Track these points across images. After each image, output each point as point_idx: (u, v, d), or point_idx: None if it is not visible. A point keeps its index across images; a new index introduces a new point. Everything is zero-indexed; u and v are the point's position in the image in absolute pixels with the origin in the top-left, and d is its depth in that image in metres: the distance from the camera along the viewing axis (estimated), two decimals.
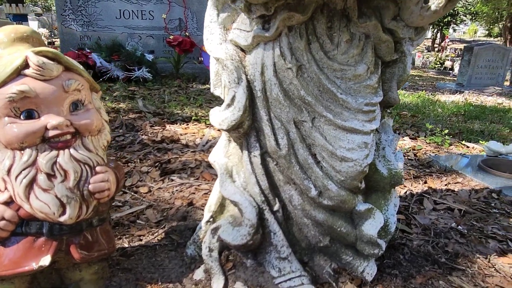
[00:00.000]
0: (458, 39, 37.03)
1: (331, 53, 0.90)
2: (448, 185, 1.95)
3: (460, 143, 3.01)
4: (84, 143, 0.94)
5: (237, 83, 0.92)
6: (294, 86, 0.91)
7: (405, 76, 0.99)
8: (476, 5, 25.62)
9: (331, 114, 0.91)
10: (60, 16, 5.35)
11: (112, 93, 4.05)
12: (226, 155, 1.04)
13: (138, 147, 2.35)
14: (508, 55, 7.12)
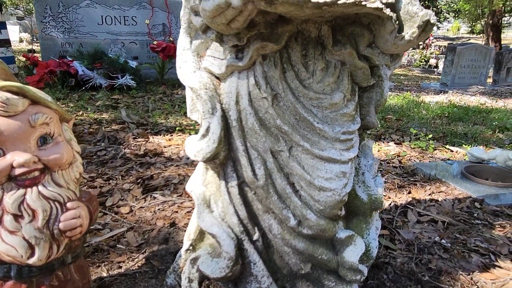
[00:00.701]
0: (442, 36, 37.56)
1: (307, 81, 0.88)
2: (432, 194, 1.95)
3: (444, 147, 3.04)
4: (54, 178, 0.90)
5: (212, 114, 0.89)
6: (270, 115, 0.89)
7: (383, 101, 0.98)
8: (458, 2, 26.05)
9: (308, 143, 0.89)
10: (40, 23, 5.24)
11: (95, 103, 3.98)
12: (203, 184, 1.02)
13: (120, 162, 2.30)
14: (490, 54, 7.24)
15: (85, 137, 2.78)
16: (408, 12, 0.83)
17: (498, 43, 23.08)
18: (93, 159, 2.36)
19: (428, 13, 0.75)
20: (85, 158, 2.37)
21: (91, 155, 2.42)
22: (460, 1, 24.88)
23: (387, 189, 2.01)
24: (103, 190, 1.89)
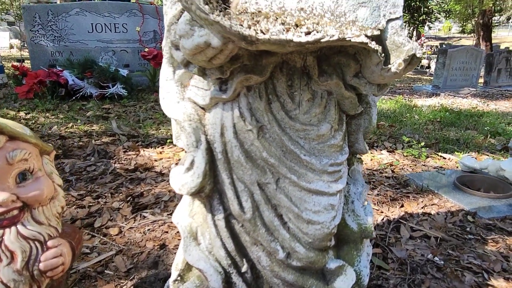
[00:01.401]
0: (434, 36, 37.85)
1: (293, 112, 0.86)
2: (425, 207, 1.94)
3: (437, 154, 3.04)
4: (34, 216, 0.87)
5: (196, 147, 0.87)
6: (256, 148, 0.87)
7: (371, 128, 0.96)
8: (449, 3, 26.28)
9: (295, 175, 0.87)
10: (30, 31, 5.19)
11: (85, 113, 3.94)
12: (190, 215, 0.99)
13: (110, 178, 2.27)
14: (480, 56, 7.28)
15: (75, 151, 2.74)
16: (394, 42, 0.82)
17: (488, 43, 23.30)
18: (82, 175, 2.32)
19: (414, 47, 0.73)
20: (74, 174, 2.33)
21: (81, 170, 2.38)
22: (451, 2, 25.10)
23: (379, 202, 1.99)
24: (92, 209, 1.86)
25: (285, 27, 0.65)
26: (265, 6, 0.76)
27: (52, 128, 3.23)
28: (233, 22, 0.61)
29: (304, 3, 0.79)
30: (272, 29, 0.63)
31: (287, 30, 0.65)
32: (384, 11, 0.82)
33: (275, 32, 0.63)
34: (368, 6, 0.82)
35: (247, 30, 0.62)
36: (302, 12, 0.78)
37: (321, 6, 0.79)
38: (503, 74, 7.97)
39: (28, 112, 3.80)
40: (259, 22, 0.67)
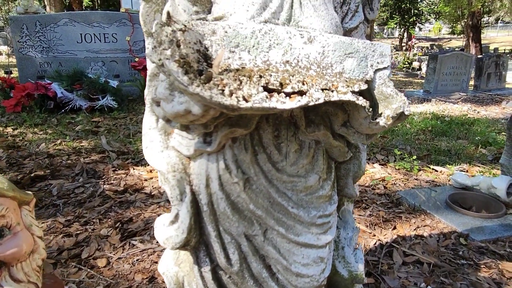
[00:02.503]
0: (424, 37, 38.20)
1: (280, 164, 0.84)
2: (417, 229, 1.93)
3: (429, 167, 3.04)
4: (12, 274, 0.84)
5: (180, 200, 0.84)
6: (243, 199, 0.84)
7: (361, 172, 0.95)
8: (439, 5, 26.56)
9: (283, 228, 0.84)
10: (17, 43, 5.11)
11: (74, 127, 3.88)
12: (176, 263, 0.96)
13: (99, 201, 2.22)
14: (470, 61, 7.34)
15: (63, 171, 2.69)
16: (382, 93, 0.80)
17: (478, 44, 23.59)
18: (70, 198, 2.28)
19: (401, 104, 0.71)
20: (62, 197, 2.28)
21: (69, 193, 2.34)
22: (440, 4, 25.36)
23: (372, 224, 1.98)
24: (79, 238, 1.81)
25: (268, 94, 0.62)
26: (249, 60, 0.73)
27: (40, 145, 3.18)
28: (214, 92, 0.59)
29: (289, 55, 0.76)
30: (255, 97, 0.61)
31: (271, 97, 0.62)
32: (371, 61, 0.81)
33: (257, 100, 0.61)
34: (355, 56, 0.80)
35: (228, 99, 0.59)
36: (287, 65, 0.75)
37: (307, 58, 0.77)
38: (493, 78, 8.04)
39: (15, 128, 3.73)
40: (242, 85, 0.64)
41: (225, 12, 0.78)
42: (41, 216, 2.06)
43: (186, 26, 0.68)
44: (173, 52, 0.60)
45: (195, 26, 0.70)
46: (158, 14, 0.96)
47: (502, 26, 37.04)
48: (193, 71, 0.63)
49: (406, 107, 0.72)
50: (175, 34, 0.64)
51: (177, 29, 0.66)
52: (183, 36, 0.66)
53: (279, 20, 0.80)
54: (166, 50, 0.59)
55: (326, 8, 0.83)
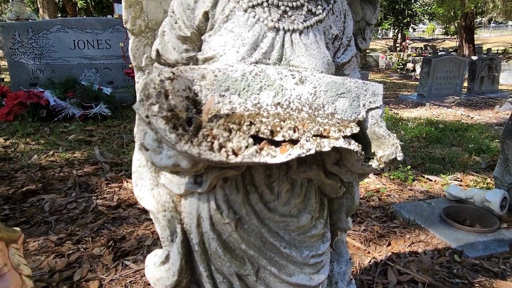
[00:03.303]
0: (418, 37, 38.40)
1: (272, 203, 0.82)
2: (412, 245, 1.93)
3: (423, 177, 3.04)
4: None
5: (171, 241, 0.83)
6: (234, 239, 0.83)
7: (354, 207, 0.94)
8: (432, 6, 26.72)
9: (275, 267, 0.83)
10: (9, 50, 5.06)
11: (67, 137, 3.85)
12: None
13: (91, 218, 2.20)
14: (464, 65, 7.39)
15: (55, 184, 2.66)
16: (374, 133, 0.79)
17: (471, 44, 23.77)
18: (63, 214, 2.25)
19: (394, 151, 0.71)
20: (54, 213, 2.26)
21: (61, 209, 2.31)
22: (434, 5, 25.52)
23: (367, 240, 1.97)
24: (71, 258, 1.79)
25: (258, 148, 0.61)
26: (239, 104, 0.72)
27: (32, 157, 3.14)
28: (202, 148, 0.58)
29: (280, 97, 0.75)
30: (245, 151, 0.60)
31: (260, 150, 0.61)
32: (364, 100, 0.80)
33: (247, 155, 0.59)
34: (347, 96, 0.79)
35: (217, 155, 0.58)
36: (279, 107, 0.74)
37: (299, 99, 0.76)
38: (486, 81, 8.09)
39: (7, 138, 3.69)
40: (231, 135, 0.63)
41: (215, 53, 0.77)
42: (32, 234, 2.03)
43: (174, 74, 0.66)
44: (161, 108, 0.59)
45: (184, 72, 0.69)
46: (147, 47, 0.94)
47: (495, 26, 37.35)
48: (181, 123, 0.61)
49: (399, 152, 0.71)
50: (163, 84, 0.63)
51: (165, 78, 0.64)
52: (171, 85, 0.65)
53: (270, 60, 0.78)
54: (154, 106, 0.58)
55: (318, 46, 0.82)
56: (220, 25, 0.78)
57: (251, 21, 0.77)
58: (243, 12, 0.77)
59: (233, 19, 0.77)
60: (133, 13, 0.89)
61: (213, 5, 0.78)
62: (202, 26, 0.80)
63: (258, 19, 0.77)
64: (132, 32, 0.90)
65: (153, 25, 0.93)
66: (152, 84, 0.62)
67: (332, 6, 0.85)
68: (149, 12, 0.91)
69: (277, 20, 0.78)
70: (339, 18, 0.87)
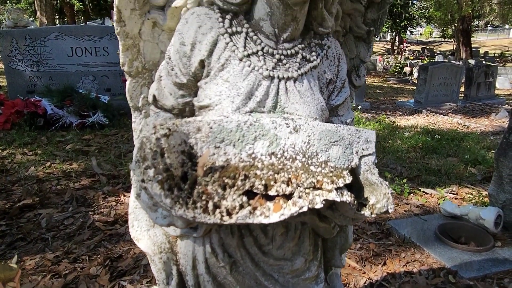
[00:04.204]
0: (416, 40, 38.58)
1: (266, 247, 0.84)
2: (407, 265, 1.94)
3: (419, 190, 3.06)
4: None
5: (167, 284, 0.84)
6: (230, 282, 0.84)
7: (348, 245, 0.95)
8: (430, 9, 26.84)
9: None
10: (6, 57, 5.05)
11: (65, 146, 3.85)
12: None
13: (88, 234, 2.21)
14: (460, 72, 7.43)
15: (52, 198, 2.66)
16: (367, 179, 0.81)
17: (468, 48, 23.88)
18: (59, 230, 2.25)
19: (385, 204, 0.72)
20: (51, 229, 2.26)
21: (58, 225, 2.31)
22: (431, 9, 25.64)
23: (362, 259, 1.99)
24: (68, 278, 1.80)
25: (252, 207, 0.62)
26: (234, 155, 0.74)
27: (29, 169, 3.14)
28: (197, 211, 0.59)
29: (275, 146, 0.77)
30: (239, 213, 0.61)
31: (254, 209, 0.62)
32: (356, 147, 0.81)
33: (241, 216, 0.61)
34: (341, 144, 0.80)
35: (212, 218, 0.59)
36: (273, 157, 0.76)
37: (293, 148, 0.77)
38: (483, 87, 8.13)
39: (4, 148, 3.69)
40: (226, 193, 0.65)
41: (211, 102, 0.78)
42: (29, 252, 2.04)
43: (170, 130, 0.67)
44: (156, 170, 0.60)
45: (179, 126, 0.70)
46: (145, 87, 0.95)
47: (491, 30, 37.55)
48: (177, 182, 0.63)
49: (390, 204, 0.73)
50: (159, 143, 0.64)
51: (161, 136, 0.65)
52: (167, 142, 0.66)
53: (264, 108, 0.80)
54: (149, 170, 0.59)
55: (312, 92, 0.83)
56: (216, 73, 0.79)
57: (246, 70, 0.78)
58: (238, 61, 0.78)
59: (229, 67, 0.78)
60: (130, 55, 0.90)
61: (209, 54, 0.79)
62: (198, 73, 0.81)
63: (253, 68, 0.78)
64: (129, 74, 0.91)
65: (150, 65, 0.94)
66: (148, 144, 0.63)
67: (326, 52, 0.87)
68: (146, 54, 0.93)
69: (272, 68, 0.80)
70: (333, 62, 0.88)
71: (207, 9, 0.80)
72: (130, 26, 0.88)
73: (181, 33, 0.80)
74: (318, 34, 0.87)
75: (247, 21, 0.81)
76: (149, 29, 0.91)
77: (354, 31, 1.02)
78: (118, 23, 0.86)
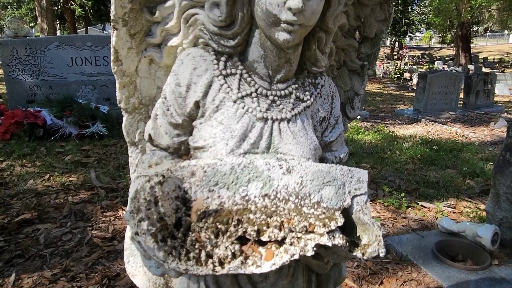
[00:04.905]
0: (415, 46, 38.71)
1: (260, 284, 0.85)
2: (404, 284, 1.95)
3: (417, 203, 3.07)
4: None
5: None
6: None
7: (341, 279, 0.96)
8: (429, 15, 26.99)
9: None
10: (7, 66, 5.07)
11: (64, 157, 3.86)
12: None
13: (86, 251, 2.21)
14: (459, 80, 7.45)
15: (51, 212, 2.67)
16: (359, 219, 0.81)
17: (468, 53, 23.96)
18: (58, 247, 2.26)
19: (376, 248, 0.73)
20: (50, 246, 2.27)
21: (56, 241, 2.32)
22: (430, 15, 25.78)
23: (359, 278, 1.99)
24: None
25: (244, 257, 0.63)
26: (228, 198, 0.75)
27: (28, 182, 3.15)
28: (189, 264, 0.60)
29: (268, 187, 0.78)
30: (231, 263, 0.62)
31: (246, 259, 0.63)
32: (349, 187, 0.82)
33: (233, 267, 0.62)
34: (333, 184, 0.81)
35: (204, 269, 0.60)
36: (266, 199, 0.77)
37: (286, 189, 0.79)
38: (481, 95, 8.17)
39: (4, 159, 3.70)
40: (218, 240, 0.66)
41: (205, 143, 0.79)
42: (27, 270, 2.04)
43: (165, 177, 0.69)
44: (150, 221, 0.61)
45: (174, 172, 0.71)
46: (141, 122, 0.97)
47: (491, 35, 37.70)
48: (170, 231, 0.64)
49: (381, 248, 0.73)
50: (153, 191, 0.66)
51: (155, 184, 0.67)
52: (161, 189, 0.67)
53: (258, 149, 0.81)
54: (143, 222, 0.60)
55: (305, 132, 0.84)
56: (211, 114, 0.80)
57: (240, 112, 0.79)
58: (233, 103, 0.80)
59: (223, 109, 0.80)
60: (127, 93, 0.92)
61: (203, 95, 0.80)
62: (193, 113, 0.82)
63: (247, 110, 0.79)
64: (126, 111, 0.93)
65: (147, 101, 0.95)
66: (142, 193, 0.64)
67: (320, 90, 0.88)
68: (143, 90, 0.94)
69: (266, 110, 0.81)
70: (326, 100, 0.90)
71: (202, 51, 0.82)
72: (127, 65, 0.90)
73: (176, 74, 0.81)
74: (312, 73, 0.88)
75: (242, 62, 0.82)
76: (146, 66, 0.92)
77: (348, 65, 1.03)
78: (115, 62, 0.88)
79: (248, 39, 0.81)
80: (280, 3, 0.70)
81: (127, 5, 0.83)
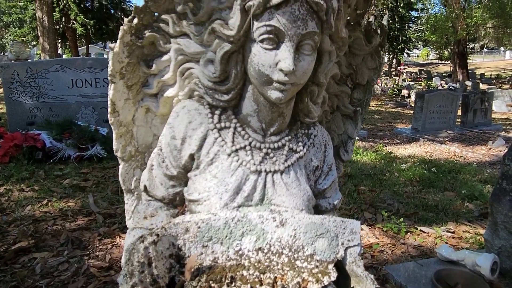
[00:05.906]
0: (413, 62, 39.18)
1: None
2: None
3: (416, 229, 3.05)
4: None
5: None
6: None
7: None
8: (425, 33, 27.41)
9: None
10: (7, 89, 5.12)
11: (62, 181, 3.85)
12: None
13: (83, 282, 2.19)
14: (456, 100, 7.52)
15: (48, 240, 2.66)
16: (353, 271, 0.82)
17: (465, 69, 24.22)
18: (54, 277, 2.24)
19: None
20: (45, 276, 2.24)
21: (52, 271, 2.30)
22: (427, 32, 26.17)
23: None
24: None
25: None
26: (222, 253, 0.75)
27: (26, 208, 3.14)
28: None
29: (262, 241, 0.78)
30: None
31: None
32: (342, 239, 0.83)
33: None
34: (326, 236, 0.82)
35: None
36: (260, 252, 0.77)
37: (279, 242, 0.79)
38: (479, 114, 8.22)
39: (2, 184, 3.70)
40: None
41: (200, 197, 0.80)
42: None
43: (159, 236, 0.69)
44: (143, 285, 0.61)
45: (168, 229, 0.72)
46: (137, 169, 0.98)
47: (487, 52, 38.20)
48: None
49: None
50: (146, 252, 0.66)
51: (149, 244, 0.67)
52: (155, 249, 0.68)
53: (252, 201, 0.82)
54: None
55: (299, 183, 0.85)
56: (205, 167, 0.82)
57: (234, 165, 0.81)
58: (227, 156, 0.81)
59: (217, 162, 0.81)
60: (123, 142, 0.93)
61: (198, 148, 0.82)
62: (188, 165, 0.84)
63: (241, 163, 0.81)
64: (122, 159, 0.94)
65: (143, 148, 0.97)
66: (136, 255, 0.65)
67: (313, 140, 0.90)
68: (139, 138, 0.96)
69: (259, 162, 0.82)
70: (319, 149, 0.91)
71: (197, 104, 0.84)
72: (124, 115, 0.91)
73: (172, 127, 0.83)
74: (305, 124, 0.90)
75: (236, 115, 0.84)
76: (142, 115, 0.94)
77: (342, 110, 1.05)
78: (112, 114, 0.89)
79: (241, 93, 0.83)
80: (272, 65, 0.72)
81: (124, 59, 0.85)
